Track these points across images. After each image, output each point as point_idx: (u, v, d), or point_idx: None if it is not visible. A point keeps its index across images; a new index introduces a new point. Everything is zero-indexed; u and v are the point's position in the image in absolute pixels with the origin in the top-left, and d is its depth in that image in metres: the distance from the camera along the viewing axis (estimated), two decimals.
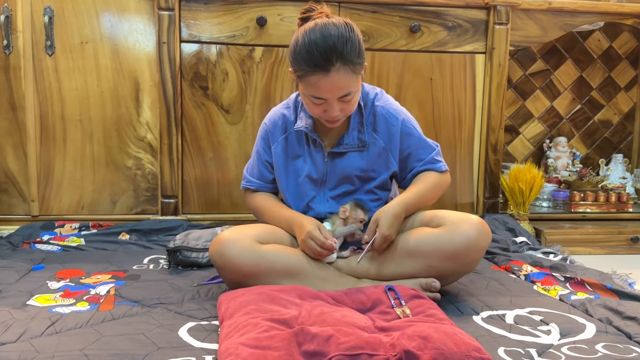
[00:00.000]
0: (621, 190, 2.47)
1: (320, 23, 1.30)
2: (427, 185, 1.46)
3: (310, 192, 1.50)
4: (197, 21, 2.08)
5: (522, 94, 2.75)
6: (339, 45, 1.26)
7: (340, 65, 1.27)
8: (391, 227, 1.35)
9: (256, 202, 1.57)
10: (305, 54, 1.28)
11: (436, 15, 2.20)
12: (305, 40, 1.29)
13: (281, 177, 1.52)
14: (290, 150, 1.51)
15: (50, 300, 1.33)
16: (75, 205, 2.11)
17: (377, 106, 1.47)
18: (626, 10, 2.33)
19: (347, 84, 1.30)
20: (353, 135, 1.46)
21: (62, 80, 2.06)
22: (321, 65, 1.27)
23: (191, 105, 2.11)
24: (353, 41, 1.29)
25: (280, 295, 1.19)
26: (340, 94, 1.31)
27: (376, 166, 1.49)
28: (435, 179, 1.48)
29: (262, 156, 1.55)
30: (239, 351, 0.94)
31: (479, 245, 1.32)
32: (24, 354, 1.00)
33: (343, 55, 1.27)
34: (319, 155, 1.48)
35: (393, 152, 1.48)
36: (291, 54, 1.34)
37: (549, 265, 1.69)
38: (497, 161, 2.29)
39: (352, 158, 1.47)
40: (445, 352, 0.95)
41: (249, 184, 1.59)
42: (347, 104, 1.35)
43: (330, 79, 1.28)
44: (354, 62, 1.29)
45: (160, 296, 1.37)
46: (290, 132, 1.50)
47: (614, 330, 1.19)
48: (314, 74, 1.28)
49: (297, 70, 1.32)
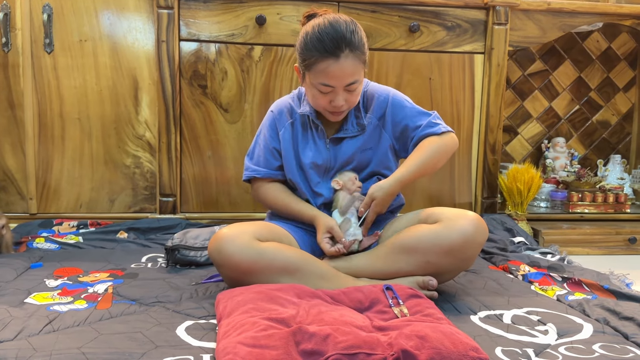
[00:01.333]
0: (619, 191, 2.47)
1: (329, 17, 1.38)
2: (425, 153, 1.46)
3: (315, 177, 1.52)
4: (196, 20, 2.08)
5: (520, 94, 2.76)
6: (347, 34, 1.35)
7: (348, 52, 1.34)
8: (385, 205, 1.45)
9: (265, 192, 1.56)
10: (316, 41, 1.35)
11: (435, 15, 2.20)
12: (316, 30, 1.36)
13: (289, 161, 1.52)
14: (296, 135, 1.53)
15: (48, 298, 1.33)
16: (73, 203, 2.11)
17: (367, 90, 1.54)
18: (625, 11, 2.33)
19: (354, 71, 1.36)
20: (352, 121, 1.51)
21: (61, 78, 2.05)
22: (331, 51, 1.33)
23: (190, 104, 2.11)
24: (359, 34, 1.38)
25: (278, 294, 1.19)
26: (348, 81, 1.36)
27: (373, 143, 1.52)
28: (435, 143, 1.48)
29: (269, 143, 1.54)
30: (237, 350, 0.94)
31: (476, 241, 1.33)
32: (22, 352, 1.00)
33: (352, 43, 1.35)
34: (321, 142, 1.51)
35: (386, 127, 1.52)
36: (300, 44, 1.40)
37: (547, 266, 1.69)
38: (495, 161, 2.30)
39: (352, 142, 1.51)
40: (443, 352, 0.96)
41: (255, 172, 1.56)
42: (352, 95, 1.40)
43: (340, 65, 1.34)
44: (361, 50, 1.37)
45: (158, 295, 1.37)
46: (296, 118, 1.54)
47: (611, 331, 1.19)
48: (324, 60, 1.34)
49: (307, 58, 1.37)
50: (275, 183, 1.57)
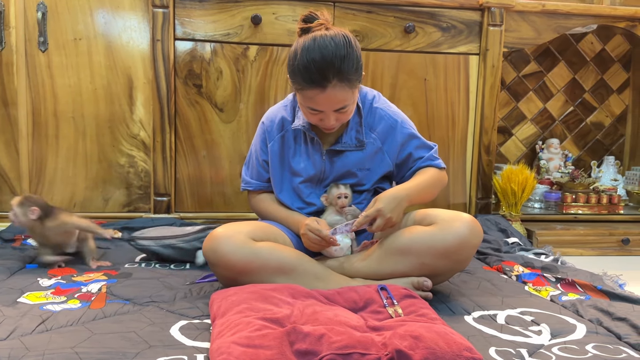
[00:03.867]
0: (612, 192, 2.48)
1: (319, 39, 1.30)
2: (427, 179, 1.48)
3: (306, 189, 1.52)
4: (191, 19, 2.08)
5: (515, 95, 2.77)
6: (336, 62, 1.28)
7: (337, 82, 1.30)
8: (393, 211, 1.35)
9: (257, 203, 1.62)
10: (302, 70, 1.30)
11: (431, 16, 2.20)
12: (304, 57, 1.29)
13: (276, 174, 1.53)
14: (287, 147, 1.52)
15: (42, 297, 1.33)
16: (67, 202, 2.10)
17: (376, 108, 1.51)
18: (619, 14, 2.35)
19: (343, 99, 1.33)
20: (351, 134, 1.49)
21: (55, 76, 2.04)
22: (318, 82, 1.29)
23: (185, 103, 2.11)
24: (351, 58, 1.30)
25: (272, 294, 1.19)
26: (336, 107, 1.35)
27: (372, 165, 1.51)
28: (435, 174, 1.51)
29: (260, 156, 1.56)
30: (231, 350, 0.94)
31: (471, 243, 1.33)
32: (14, 351, 0.99)
33: (340, 72, 1.29)
34: (316, 153, 1.50)
35: (389, 152, 1.52)
36: (289, 67, 1.36)
37: (541, 266, 1.70)
38: (489, 162, 2.30)
39: (350, 157, 1.50)
40: (437, 352, 0.96)
41: (247, 185, 1.62)
42: (343, 114, 1.39)
43: (327, 95, 1.31)
44: (351, 78, 1.32)
45: (152, 294, 1.37)
46: (287, 129, 1.52)
47: (604, 331, 1.20)
48: (310, 89, 1.31)
49: (294, 82, 1.35)
50: (266, 194, 1.61)
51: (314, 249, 1.42)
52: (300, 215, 1.50)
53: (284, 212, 1.53)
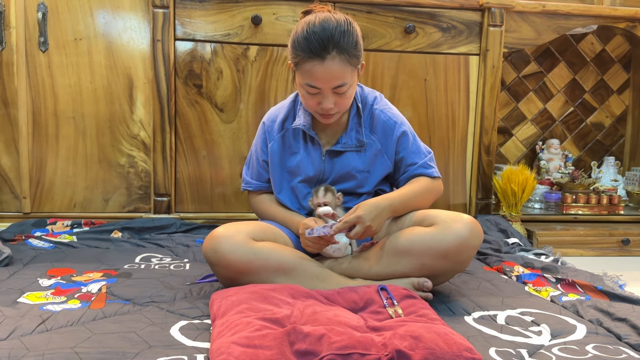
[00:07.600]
0: (613, 193, 2.48)
1: (321, 15, 1.35)
2: (417, 188, 1.47)
3: (304, 189, 1.52)
4: (191, 19, 2.08)
5: (515, 95, 2.77)
6: (336, 34, 1.30)
7: (336, 54, 1.30)
8: (374, 220, 1.34)
9: (256, 203, 1.62)
10: (303, 40, 1.32)
11: (431, 16, 2.20)
12: (305, 28, 1.32)
13: (275, 174, 1.53)
14: (287, 147, 1.52)
15: (41, 297, 1.33)
16: (67, 202, 2.10)
17: (376, 109, 1.51)
18: (619, 14, 2.35)
19: (342, 74, 1.33)
20: (351, 135, 1.49)
21: (55, 76, 2.04)
22: (317, 52, 1.30)
23: (185, 104, 2.11)
24: (351, 33, 1.33)
25: (272, 294, 1.19)
26: (334, 83, 1.33)
27: (372, 167, 1.51)
28: (426, 183, 1.49)
29: (260, 156, 1.57)
30: (231, 350, 0.94)
31: (471, 244, 1.32)
32: (14, 351, 0.99)
33: (339, 44, 1.30)
34: (316, 153, 1.50)
35: (389, 154, 1.51)
36: (291, 41, 1.37)
37: (541, 267, 1.70)
38: (489, 162, 2.30)
39: (349, 157, 1.50)
40: (437, 352, 0.96)
41: (247, 185, 1.62)
42: (342, 97, 1.37)
43: (325, 67, 1.31)
44: (350, 52, 1.32)
45: (152, 294, 1.37)
46: (287, 129, 1.52)
47: (604, 332, 1.20)
48: (309, 60, 1.31)
49: (295, 57, 1.35)
50: (266, 194, 1.61)
51: (312, 249, 1.41)
52: (300, 215, 1.51)
53: (283, 212, 1.53)
